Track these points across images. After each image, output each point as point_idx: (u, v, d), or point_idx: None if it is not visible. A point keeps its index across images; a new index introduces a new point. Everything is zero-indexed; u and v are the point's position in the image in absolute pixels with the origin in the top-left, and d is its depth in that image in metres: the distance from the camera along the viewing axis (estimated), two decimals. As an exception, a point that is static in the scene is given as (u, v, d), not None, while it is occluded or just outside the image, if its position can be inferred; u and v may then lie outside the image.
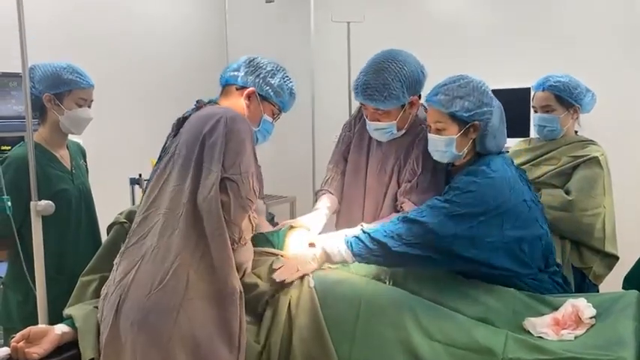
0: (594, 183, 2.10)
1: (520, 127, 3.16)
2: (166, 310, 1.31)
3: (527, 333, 1.43)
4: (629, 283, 1.71)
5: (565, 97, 2.14)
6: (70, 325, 1.43)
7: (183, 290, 1.32)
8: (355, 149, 2.00)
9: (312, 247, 1.67)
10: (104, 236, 1.72)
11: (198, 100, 1.61)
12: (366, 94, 1.76)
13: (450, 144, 1.66)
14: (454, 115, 1.64)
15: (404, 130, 1.85)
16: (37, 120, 1.97)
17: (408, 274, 1.62)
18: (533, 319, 1.46)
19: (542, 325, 1.43)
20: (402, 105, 1.79)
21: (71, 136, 2.12)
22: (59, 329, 1.41)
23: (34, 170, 1.68)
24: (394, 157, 1.88)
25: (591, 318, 1.41)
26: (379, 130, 1.84)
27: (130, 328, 1.31)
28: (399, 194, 1.85)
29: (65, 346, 1.40)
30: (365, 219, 1.88)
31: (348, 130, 2.06)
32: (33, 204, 1.66)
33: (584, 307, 1.43)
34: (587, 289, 2.11)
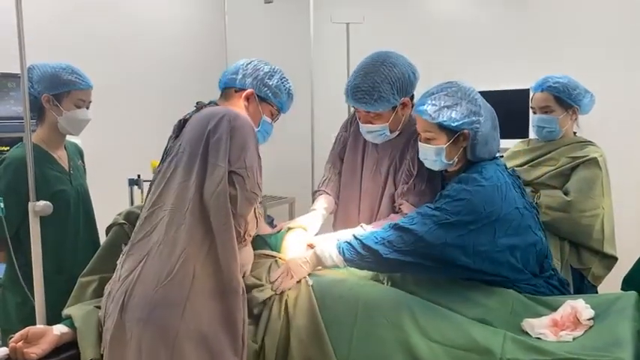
0: (593, 184, 2.10)
1: (519, 128, 3.17)
2: (173, 305, 1.32)
3: (526, 334, 1.42)
4: (627, 284, 1.70)
5: (564, 98, 2.15)
6: (69, 326, 1.43)
7: (189, 284, 1.33)
8: (351, 150, 2.00)
9: (309, 249, 1.67)
10: (102, 237, 1.72)
11: (198, 102, 1.62)
12: (356, 97, 1.76)
13: (440, 153, 1.64)
14: (442, 125, 1.61)
15: (397, 132, 1.85)
16: (35, 120, 1.97)
17: (406, 275, 1.62)
18: (531, 320, 1.45)
19: (540, 326, 1.42)
20: (394, 107, 1.78)
21: (70, 137, 2.12)
22: (58, 330, 1.41)
23: (32, 171, 1.68)
24: (389, 158, 1.88)
25: (589, 319, 1.41)
26: (372, 133, 1.84)
27: (136, 323, 1.32)
28: (396, 196, 1.85)
29: (64, 347, 1.40)
30: (361, 219, 1.88)
31: (344, 131, 2.06)
32: (31, 204, 1.66)
33: (582, 308, 1.43)
34: (586, 289, 2.11)
